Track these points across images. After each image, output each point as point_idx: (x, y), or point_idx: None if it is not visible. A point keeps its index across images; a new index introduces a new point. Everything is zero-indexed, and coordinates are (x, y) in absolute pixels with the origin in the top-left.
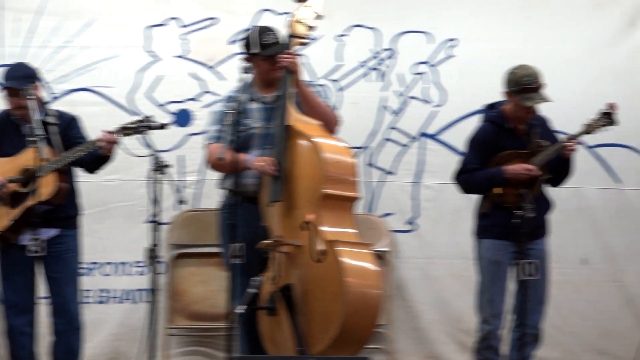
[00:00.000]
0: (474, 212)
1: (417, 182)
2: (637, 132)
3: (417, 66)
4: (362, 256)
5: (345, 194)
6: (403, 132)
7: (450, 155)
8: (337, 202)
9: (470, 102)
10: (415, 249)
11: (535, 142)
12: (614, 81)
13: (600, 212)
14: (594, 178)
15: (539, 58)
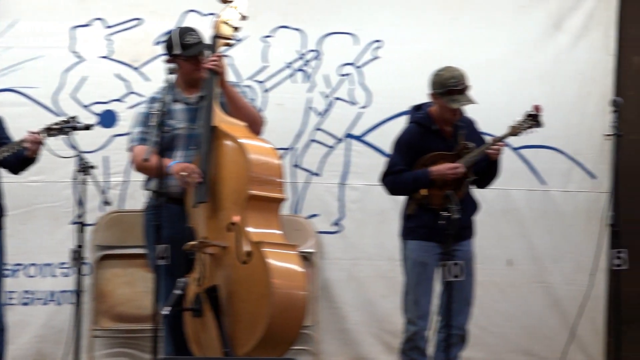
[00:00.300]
0: (399, 214)
1: (342, 184)
2: (562, 134)
3: (342, 67)
4: (288, 257)
5: (271, 195)
6: (329, 134)
7: (376, 156)
8: (262, 204)
9: (396, 103)
10: (341, 250)
11: (461, 143)
12: (539, 83)
13: (525, 214)
14: (520, 179)
15: (464, 60)
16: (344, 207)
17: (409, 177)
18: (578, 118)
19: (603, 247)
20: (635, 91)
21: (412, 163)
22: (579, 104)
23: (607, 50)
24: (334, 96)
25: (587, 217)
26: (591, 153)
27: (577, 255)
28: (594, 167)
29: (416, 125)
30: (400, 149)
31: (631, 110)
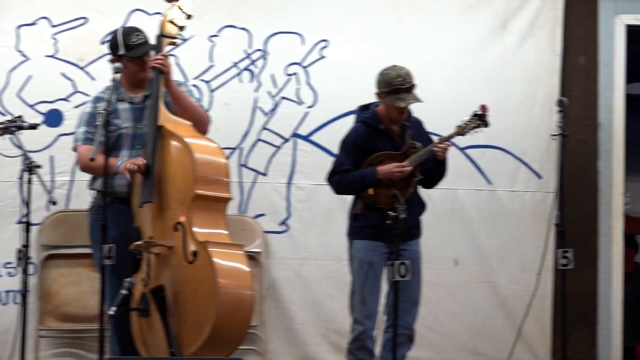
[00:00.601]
0: (346, 213)
1: (289, 183)
2: (509, 134)
3: (289, 67)
4: (235, 257)
5: (217, 195)
6: (275, 133)
7: (322, 156)
8: (209, 203)
9: (343, 103)
10: (288, 249)
11: (408, 143)
12: (485, 83)
13: (472, 213)
14: (466, 179)
15: (410, 59)
16: (290, 206)
17: (356, 176)
18: (524, 118)
19: (549, 247)
20: (581, 91)
21: (359, 162)
22: (525, 104)
23: (553, 50)
24: (280, 96)
25: (533, 217)
26: (537, 153)
27: (523, 255)
28: (540, 167)
29: (363, 125)
30: (347, 149)
31: (577, 110)
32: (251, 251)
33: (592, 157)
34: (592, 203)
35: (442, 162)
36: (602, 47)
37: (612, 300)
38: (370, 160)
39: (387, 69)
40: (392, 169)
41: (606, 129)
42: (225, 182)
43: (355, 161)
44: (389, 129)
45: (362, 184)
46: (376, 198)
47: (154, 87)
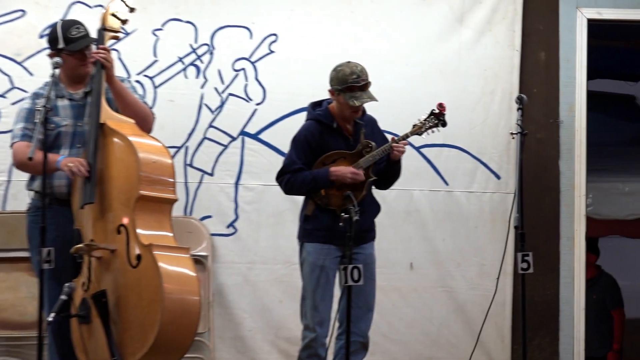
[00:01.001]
0: (297, 215)
1: (237, 184)
2: (466, 132)
3: (236, 62)
4: (180, 261)
5: (162, 196)
6: (222, 131)
7: (272, 155)
8: (153, 205)
9: (293, 100)
10: (236, 253)
11: (362, 142)
12: (441, 79)
13: (428, 215)
14: (422, 180)
15: (363, 55)
16: (238, 208)
17: (307, 176)
18: (482, 116)
19: (509, 250)
20: (542, 88)
21: (311, 162)
22: (483, 101)
23: (512, 45)
24: (227, 92)
25: (492, 219)
26: (496, 152)
27: (481, 259)
28: (499, 167)
29: (315, 123)
30: (298, 147)
31: (537, 108)
32: (197, 255)
33: (553, 156)
34: (553, 205)
35: (397, 162)
36: (563, 42)
37: (574, 306)
38: (323, 160)
39: (341, 65)
40: (345, 173)
41: (567, 127)
42: (171, 183)
43: (307, 160)
44: (342, 127)
45: (313, 185)
46: (328, 199)
47: (95, 82)
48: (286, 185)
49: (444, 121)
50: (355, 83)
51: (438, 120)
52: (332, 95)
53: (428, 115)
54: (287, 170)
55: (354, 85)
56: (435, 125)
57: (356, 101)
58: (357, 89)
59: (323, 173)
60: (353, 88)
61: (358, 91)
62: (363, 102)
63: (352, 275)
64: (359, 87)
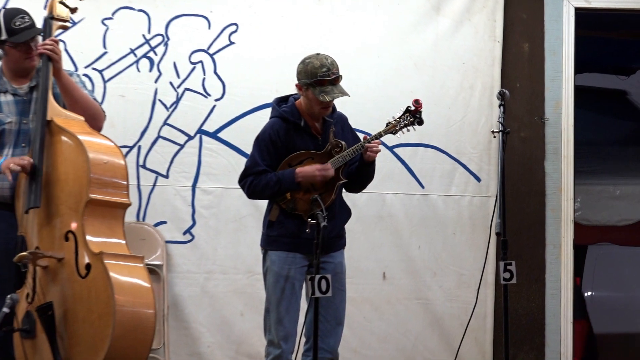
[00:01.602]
0: (260, 220)
1: (194, 187)
2: (443, 131)
3: (193, 54)
4: (133, 271)
5: (114, 200)
6: (178, 130)
7: (232, 155)
8: (104, 209)
9: (256, 95)
10: (193, 262)
11: (332, 142)
12: (416, 73)
13: (402, 221)
14: (396, 182)
15: (332, 46)
16: (195, 213)
17: (272, 178)
18: (461, 113)
19: (490, 259)
20: (525, 82)
21: (276, 163)
22: (461, 97)
23: (493, 36)
24: (184, 87)
25: (471, 225)
26: (476, 152)
27: (460, 268)
28: (479, 168)
29: (280, 120)
30: (262, 147)
31: (520, 104)
32: (151, 264)
33: (538, 157)
34: (538, 209)
35: (371, 164)
36: (549, 33)
37: (561, 319)
38: (289, 161)
39: (309, 57)
40: (313, 172)
41: (553, 125)
42: (123, 186)
43: (271, 161)
44: (310, 125)
45: (278, 187)
46: (294, 203)
47: (41, 76)
48: (249, 188)
49: (420, 119)
50: (326, 77)
51: (414, 118)
52: (300, 90)
53: (403, 112)
54: (250, 172)
55: (324, 79)
56: (411, 124)
57: (327, 96)
58: (327, 83)
59: (289, 174)
60: (323, 82)
61: (328, 85)
62: (334, 97)
63: (319, 286)
64: (330, 81)
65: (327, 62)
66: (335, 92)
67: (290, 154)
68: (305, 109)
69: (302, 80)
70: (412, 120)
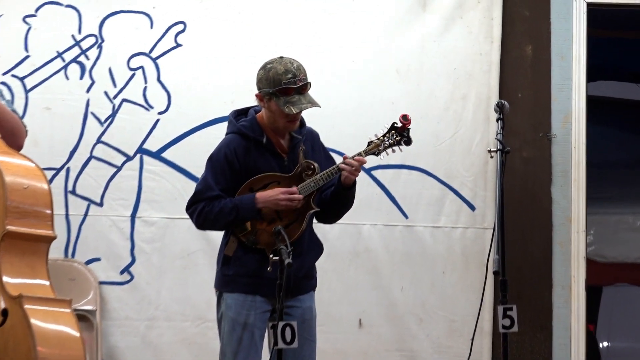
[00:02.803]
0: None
1: (134, 216)
2: (430, 150)
3: (132, 59)
4: (59, 317)
5: (35, 233)
6: (115, 148)
7: (179, 179)
8: (24, 244)
9: (207, 107)
10: (132, 307)
11: (302, 163)
12: (399, 81)
13: (382, 257)
14: (374, 211)
15: (299, 49)
16: (135, 248)
17: (227, 204)
18: (452, 128)
19: (486, 303)
20: (528, 92)
21: (233, 188)
22: (452, 110)
23: (490, 36)
24: (121, 98)
25: (464, 262)
26: (469, 176)
27: (451, 314)
28: (474, 194)
29: (238, 137)
30: (216, 169)
31: (523, 118)
32: (82, 309)
33: (544, 181)
34: (543, 243)
35: (350, 187)
36: (556, 33)
37: None
38: (250, 185)
39: (272, 61)
40: (277, 197)
41: (562, 143)
42: (47, 215)
43: (228, 186)
44: (274, 142)
45: (235, 215)
46: (256, 236)
47: None
48: (199, 216)
49: (408, 138)
50: (291, 84)
51: (401, 137)
52: (261, 101)
53: (387, 130)
54: (201, 198)
55: (290, 86)
56: (397, 143)
57: (293, 107)
58: (293, 91)
59: (247, 200)
60: (288, 91)
61: (295, 94)
62: (302, 108)
63: (283, 335)
64: (296, 90)
65: (293, 66)
66: (303, 103)
67: (251, 177)
68: (268, 123)
69: (264, 89)
70: (399, 140)
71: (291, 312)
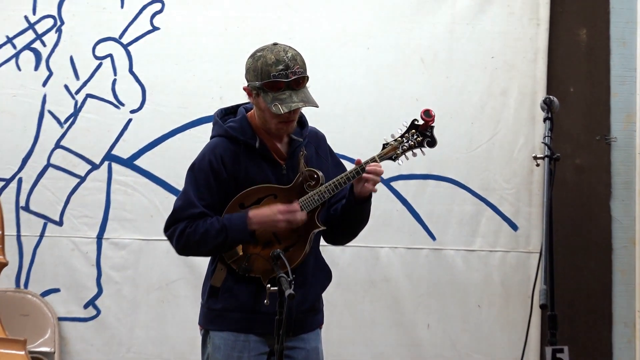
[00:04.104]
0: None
1: (101, 238)
2: (462, 157)
3: (99, 46)
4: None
5: None
6: (78, 155)
7: (157, 192)
8: None
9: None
10: (98, 348)
11: (304, 171)
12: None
13: (404, 287)
14: (394, 231)
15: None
16: (102, 276)
17: (213, 225)
18: (488, 130)
19: (532, 343)
20: (582, 86)
21: (220, 203)
22: (489, 107)
23: (536, 18)
24: (85, 92)
25: (504, 294)
26: (511, 188)
27: (488, 356)
28: (516, 211)
29: (226, 141)
30: (199, 180)
31: (576, 118)
32: (37, 351)
33: (601, 194)
34: (601, 270)
35: (366, 201)
36: (616, 14)
37: None
38: (241, 200)
39: (262, 49)
40: (274, 214)
41: (624, 147)
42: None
43: (212, 200)
44: (268, 147)
45: (223, 238)
46: (249, 262)
47: None
48: (179, 240)
49: (431, 138)
50: (282, 77)
51: (423, 137)
52: (250, 95)
53: (407, 128)
54: (181, 217)
55: (279, 80)
56: (418, 145)
57: (281, 106)
58: (284, 86)
59: (238, 219)
60: (278, 85)
61: (285, 90)
62: (291, 107)
63: None
64: (287, 84)
65: (286, 56)
66: (294, 100)
67: (243, 190)
68: (261, 123)
69: (252, 83)
70: (421, 140)
71: (293, 355)
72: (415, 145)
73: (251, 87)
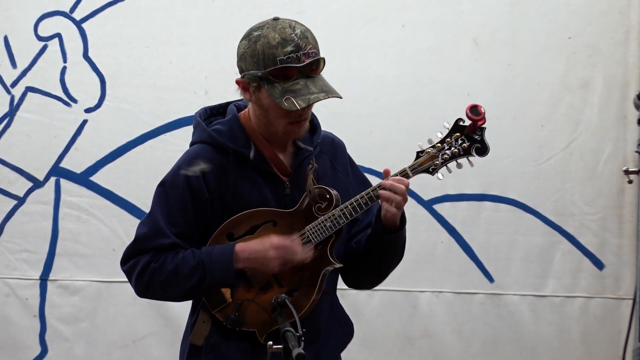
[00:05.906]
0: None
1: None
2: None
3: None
4: None
5: None
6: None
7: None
8: None
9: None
10: None
11: (312, 190)
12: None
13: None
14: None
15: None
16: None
17: (187, 261)
18: (564, 135)
19: None
20: None
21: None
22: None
23: None
24: (24, 85)
25: (586, 352)
26: (594, 212)
27: None
28: (601, 243)
29: (210, 150)
30: (170, 202)
31: None
32: None
33: None
34: None
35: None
36: None
37: None
38: (229, 228)
39: (260, 27)
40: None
41: None
42: None
43: (189, 228)
44: (267, 158)
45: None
46: (240, 311)
47: None
48: (140, 277)
49: (482, 144)
50: (293, 62)
51: (470, 143)
52: (246, 90)
53: (449, 131)
54: (146, 247)
55: (291, 66)
56: (464, 153)
57: (298, 100)
58: (296, 73)
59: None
60: (289, 73)
61: (299, 79)
62: (312, 100)
63: None
64: (300, 71)
65: (295, 33)
66: (312, 92)
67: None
68: (259, 126)
69: (250, 73)
70: (467, 147)
71: None
72: (460, 154)
73: (248, 78)
